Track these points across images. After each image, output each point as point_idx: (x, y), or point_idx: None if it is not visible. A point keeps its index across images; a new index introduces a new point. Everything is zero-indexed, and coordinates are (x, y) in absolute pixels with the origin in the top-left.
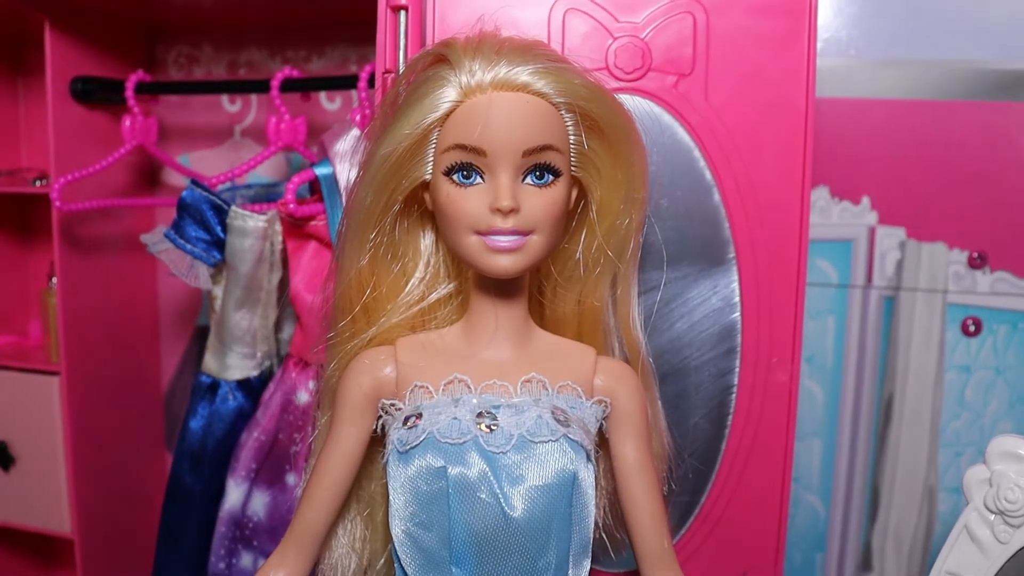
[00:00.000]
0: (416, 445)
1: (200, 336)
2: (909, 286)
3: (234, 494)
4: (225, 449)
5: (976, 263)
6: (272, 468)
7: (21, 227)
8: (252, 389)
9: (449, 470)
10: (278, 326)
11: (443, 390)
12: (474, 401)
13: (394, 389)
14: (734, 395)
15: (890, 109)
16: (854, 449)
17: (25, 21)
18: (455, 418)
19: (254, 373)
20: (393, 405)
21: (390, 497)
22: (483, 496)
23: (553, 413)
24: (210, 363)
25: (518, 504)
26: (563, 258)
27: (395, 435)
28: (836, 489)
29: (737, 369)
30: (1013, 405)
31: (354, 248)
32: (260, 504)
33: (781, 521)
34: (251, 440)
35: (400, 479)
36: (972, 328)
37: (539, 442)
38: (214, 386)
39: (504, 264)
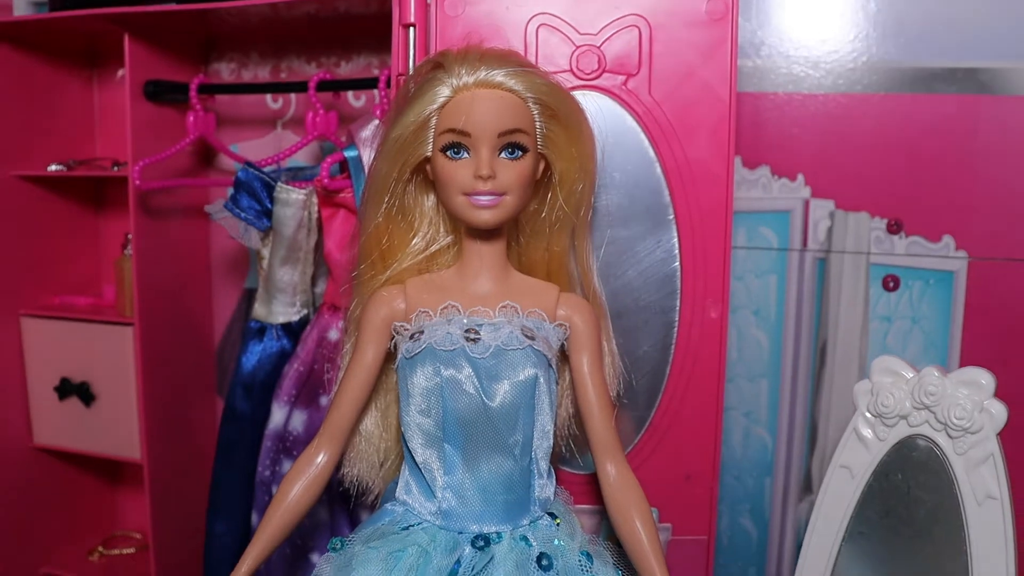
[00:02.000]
0: (419, 352)
1: (246, 297)
2: (838, 249)
3: (278, 415)
4: (270, 380)
5: (893, 229)
6: (309, 392)
7: (96, 207)
8: (292, 331)
9: (443, 371)
10: (314, 281)
11: (440, 313)
12: (464, 320)
13: (404, 316)
14: (676, 328)
15: (821, 101)
16: (795, 388)
17: (101, 32)
18: (448, 333)
19: (295, 318)
20: (403, 326)
21: (400, 394)
22: (469, 390)
23: (522, 330)
24: (259, 310)
25: (495, 396)
26: (534, 217)
27: (403, 347)
28: (780, 423)
29: (678, 307)
30: (927, 349)
31: (373, 208)
32: (299, 421)
33: (716, 431)
34: (292, 371)
35: (407, 379)
36: (891, 285)
37: (511, 350)
38: (262, 329)
39: (485, 217)
